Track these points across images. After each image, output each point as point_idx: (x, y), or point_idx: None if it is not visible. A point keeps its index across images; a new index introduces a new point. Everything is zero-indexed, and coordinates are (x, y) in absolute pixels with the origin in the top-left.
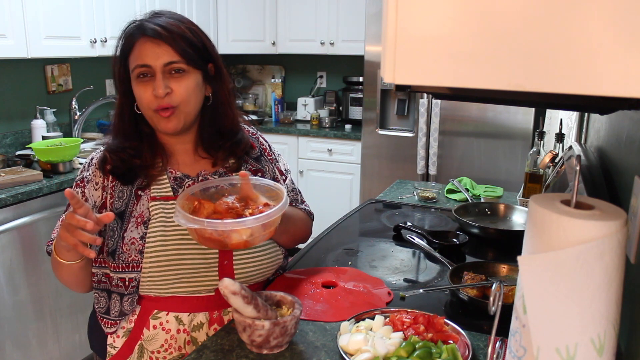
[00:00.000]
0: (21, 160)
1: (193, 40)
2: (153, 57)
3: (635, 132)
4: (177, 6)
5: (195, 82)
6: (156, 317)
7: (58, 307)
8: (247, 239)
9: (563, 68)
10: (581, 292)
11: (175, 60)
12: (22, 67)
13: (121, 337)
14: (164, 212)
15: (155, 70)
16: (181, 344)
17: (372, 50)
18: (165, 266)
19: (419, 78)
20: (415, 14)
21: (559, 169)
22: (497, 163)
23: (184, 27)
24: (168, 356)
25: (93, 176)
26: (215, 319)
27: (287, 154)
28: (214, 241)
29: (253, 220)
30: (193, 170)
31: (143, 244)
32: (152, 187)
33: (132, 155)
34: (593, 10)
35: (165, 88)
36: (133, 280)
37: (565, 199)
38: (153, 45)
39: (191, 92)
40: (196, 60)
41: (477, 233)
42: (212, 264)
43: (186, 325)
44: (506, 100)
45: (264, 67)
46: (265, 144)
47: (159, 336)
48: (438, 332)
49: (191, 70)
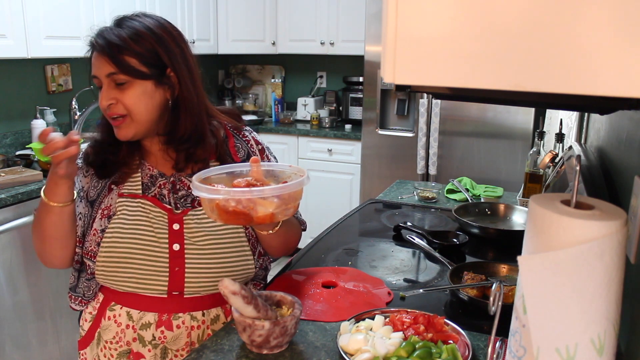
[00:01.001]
0: (21, 160)
1: (138, 51)
2: (98, 69)
3: (635, 132)
4: (177, 6)
5: (141, 90)
6: (112, 308)
7: (58, 307)
8: (273, 211)
9: (563, 68)
10: (581, 292)
11: (114, 72)
12: (22, 67)
13: (88, 322)
14: (127, 209)
15: (102, 81)
16: (129, 339)
17: (372, 50)
18: (117, 262)
19: (419, 78)
20: (415, 14)
21: (559, 169)
22: (497, 163)
23: (129, 40)
24: (118, 348)
25: (82, 165)
26: (164, 321)
27: (287, 154)
28: (239, 215)
29: (280, 188)
30: (169, 170)
31: (101, 237)
32: (125, 183)
33: (108, 151)
34: (593, 11)
35: (108, 99)
36: (89, 267)
37: (565, 199)
38: (99, 58)
39: (136, 101)
40: (137, 71)
41: (477, 233)
42: (162, 269)
43: (135, 322)
44: (506, 100)
45: (264, 67)
46: (257, 147)
47: (111, 327)
48: (438, 332)
49: (133, 80)
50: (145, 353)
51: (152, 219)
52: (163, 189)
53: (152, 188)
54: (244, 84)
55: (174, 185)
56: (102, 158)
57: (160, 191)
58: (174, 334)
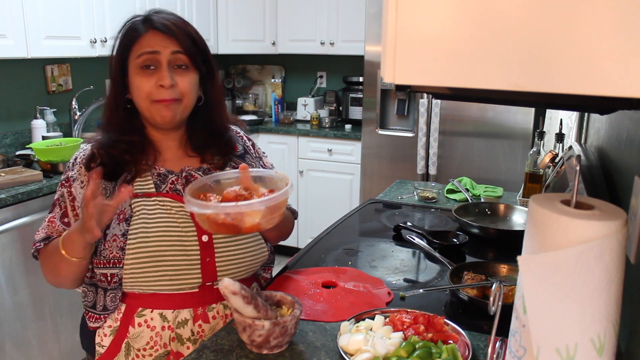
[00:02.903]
0: (21, 160)
1: (197, 40)
2: (162, 46)
3: (635, 132)
4: (177, 6)
5: (195, 79)
6: (141, 314)
7: (58, 307)
8: (259, 221)
9: (563, 68)
10: (581, 292)
11: (181, 51)
12: (22, 67)
13: (108, 336)
14: (145, 208)
15: (161, 60)
16: (166, 341)
17: (372, 50)
18: (146, 263)
19: (419, 78)
20: (415, 14)
21: (559, 169)
22: (497, 163)
23: (189, 26)
24: (154, 353)
25: (78, 175)
26: (199, 315)
27: (287, 154)
28: (228, 226)
29: (266, 201)
30: (177, 167)
31: (124, 241)
32: (135, 183)
33: (123, 150)
34: (593, 10)
35: (171, 79)
36: (115, 276)
37: (565, 199)
38: (162, 37)
39: (193, 87)
40: (197, 59)
41: (477, 233)
42: (194, 261)
43: (171, 322)
44: (506, 100)
45: (264, 67)
46: (249, 142)
47: (144, 334)
48: (438, 332)
49: (192, 68)
50: (184, 351)
51: (174, 214)
52: (176, 184)
53: (164, 185)
54: (244, 84)
55: (187, 180)
56: (117, 160)
57: (174, 187)
58: (211, 326)
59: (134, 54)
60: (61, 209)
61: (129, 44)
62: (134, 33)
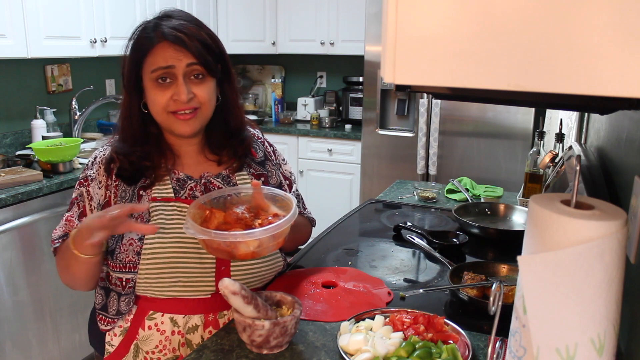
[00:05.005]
0: (21, 160)
1: (211, 46)
2: (176, 59)
3: (635, 132)
4: (176, 6)
5: (213, 86)
6: (151, 317)
7: (58, 307)
8: (254, 250)
9: (563, 68)
10: (581, 292)
11: (196, 62)
12: (22, 67)
13: (118, 336)
14: (163, 213)
15: (177, 73)
16: (175, 346)
17: (372, 50)
18: (162, 268)
19: (419, 78)
20: (415, 14)
21: (559, 169)
22: (497, 163)
23: (203, 33)
24: (162, 357)
25: (97, 175)
26: (210, 321)
27: (287, 154)
28: (222, 251)
29: (261, 232)
30: (196, 172)
31: (141, 245)
32: (154, 187)
33: (141, 158)
34: (593, 10)
35: (188, 93)
36: (130, 280)
37: (565, 199)
38: (175, 49)
39: (211, 95)
40: (212, 67)
41: (477, 233)
42: (209, 269)
43: (181, 327)
44: (506, 100)
45: (264, 67)
46: (270, 148)
47: (153, 337)
48: (438, 332)
49: (208, 76)
50: None
51: None
52: (195, 191)
53: (182, 191)
54: (244, 84)
55: (206, 187)
56: (137, 166)
57: (192, 193)
58: None
59: (147, 67)
60: (79, 208)
61: (142, 57)
62: (145, 44)
